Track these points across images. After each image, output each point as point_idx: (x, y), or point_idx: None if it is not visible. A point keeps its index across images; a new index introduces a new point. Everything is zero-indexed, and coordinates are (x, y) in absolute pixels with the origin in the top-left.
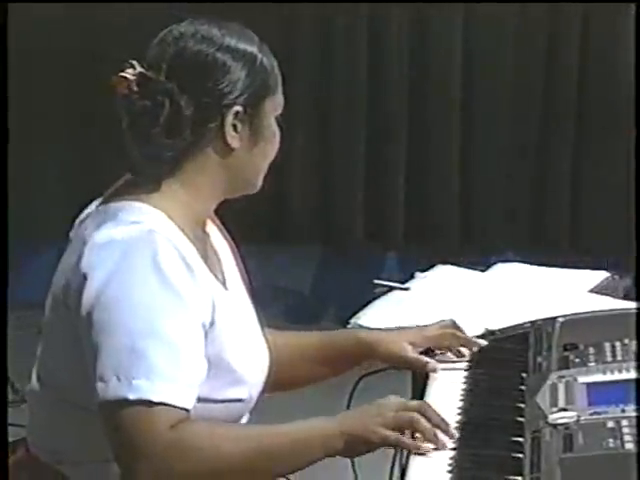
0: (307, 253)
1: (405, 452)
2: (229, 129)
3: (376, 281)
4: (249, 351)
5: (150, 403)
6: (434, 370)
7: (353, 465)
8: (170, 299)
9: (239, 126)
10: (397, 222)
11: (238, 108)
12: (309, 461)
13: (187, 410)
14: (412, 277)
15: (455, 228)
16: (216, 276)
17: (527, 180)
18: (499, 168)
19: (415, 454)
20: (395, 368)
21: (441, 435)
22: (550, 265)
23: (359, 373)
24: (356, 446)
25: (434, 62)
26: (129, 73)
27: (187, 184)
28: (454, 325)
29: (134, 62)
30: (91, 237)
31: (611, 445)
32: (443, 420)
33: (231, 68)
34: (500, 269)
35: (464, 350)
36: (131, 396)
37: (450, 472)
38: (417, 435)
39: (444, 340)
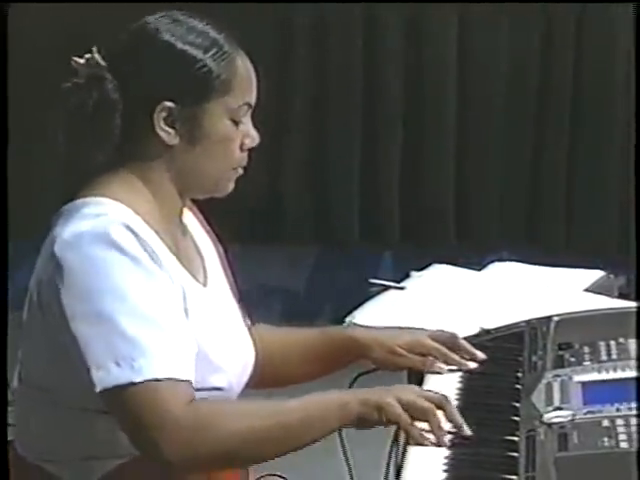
0: (303, 253)
1: (401, 449)
2: (160, 124)
3: (372, 280)
4: (228, 343)
5: (156, 381)
6: (432, 367)
7: (347, 462)
8: (142, 278)
9: (177, 123)
10: (393, 221)
11: (169, 104)
12: (326, 431)
13: (190, 382)
14: (408, 276)
15: (451, 227)
16: (192, 272)
17: (522, 179)
18: (495, 167)
19: (415, 444)
20: (390, 369)
21: (447, 437)
22: (545, 264)
23: (356, 371)
24: (370, 414)
25: (429, 61)
26: (79, 60)
27: (140, 176)
28: (454, 335)
29: (93, 49)
30: (59, 235)
31: (606, 444)
32: (459, 419)
33: (163, 63)
34: (495, 268)
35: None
36: (136, 379)
37: (446, 471)
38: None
39: (440, 349)
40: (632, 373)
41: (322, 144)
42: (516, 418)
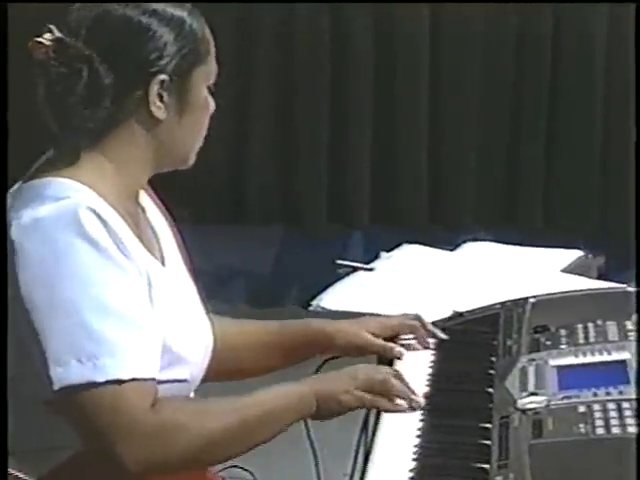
0: (268, 234)
1: (369, 437)
2: (154, 99)
3: (339, 261)
4: (189, 330)
5: (120, 382)
6: (400, 355)
7: (314, 450)
8: (110, 271)
9: (165, 96)
10: (362, 200)
11: (164, 77)
12: (286, 424)
13: (154, 379)
14: (377, 257)
15: (423, 207)
16: (152, 253)
17: (499, 157)
18: (469, 144)
19: (389, 412)
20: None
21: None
22: (521, 244)
23: (323, 356)
24: (329, 406)
25: (401, 40)
26: (46, 38)
27: (112, 157)
28: (418, 317)
29: (52, 27)
30: (16, 218)
31: (582, 430)
32: (411, 387)
33: (156, 33)
34: (469, 248)
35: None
36: (99, 378)
37: (415, 460)
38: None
39: (405, 330)
40: (610, 357)
41: (289, 122)
42: (489, 405)
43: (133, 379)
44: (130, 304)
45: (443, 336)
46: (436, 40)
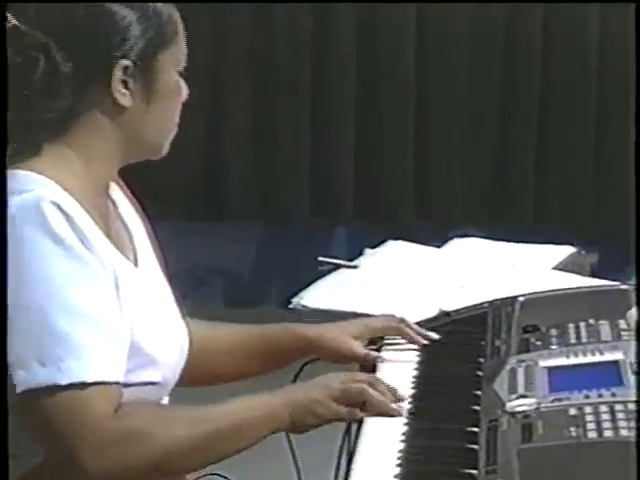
0: (247, 230)
1: (352, 444)
2: (117, 86)
3: (321, 258)
4: (162, 332)
5: (84, 385)
6: (381, 360)
7: (294, 458)
8: (75, 269)
9: (130, 82)
10: (345, 195)
11: (127, 62)
12: (258, 438)
13: (119, 383)
14: (361, 254)
15: (409, 201)
16: (123, 251)
17: (488, 149)
18: (458, 136)
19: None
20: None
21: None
22: (511, 240)
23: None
24: (303, 418)
25: (386, 25)
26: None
27: (77, 148)
28: (402, 320)
29: (8, 15)
30: None
31: (573, 434)
32: (394, 390)
33: (117, 16)
34: (457, 245)
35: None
36: (63, 381)
37: (399, 465)
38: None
39: (390, 333)
40: (602, 357)
41: (269, 113)
42: (477, 407)
43: (97, 382)
44: (96, 304)
45: (433, 335)
46: (422, 32)
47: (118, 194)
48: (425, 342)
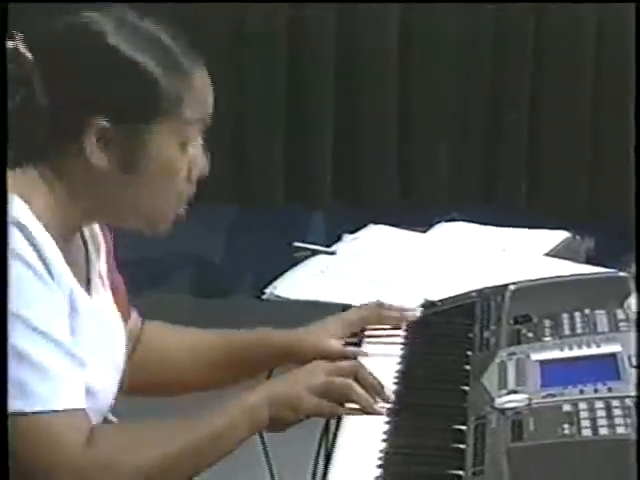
0: (218, 214)
1: (330, 445)
2: (90, 145)
3: (296, 244)
4: (104, 367)
5: (53, 413)
6: (362, 355)
7: (268, 463)
8: (39, 290)
9: (111, 145)
10: (324, 176)
11: (103, 123)
12: (238, 441)
13: (84, 410)
14: (339, 239)
15: (392, 181)
16: (79, 279)
17: (477, 127)
18: (444, 112)
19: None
20: None
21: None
22: (501, 225)
23: None
24: (282, 414)
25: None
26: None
27: (50, 184)
28: (378, 304)
29: (15, 34)
30: None
31: (566, 432)
32: (379, 383)
33: (103, 71)
34: (443, 229)
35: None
36: (28, 408)
37: (380, 466)
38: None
39: (368, 323)
40: (599, 350)
41: (242, 88)
42: (464, 404)
43: (67, 410)
44: (58, 325)
45: (415, 311)
46: (408, 9)
47: None
48: (410, 318)
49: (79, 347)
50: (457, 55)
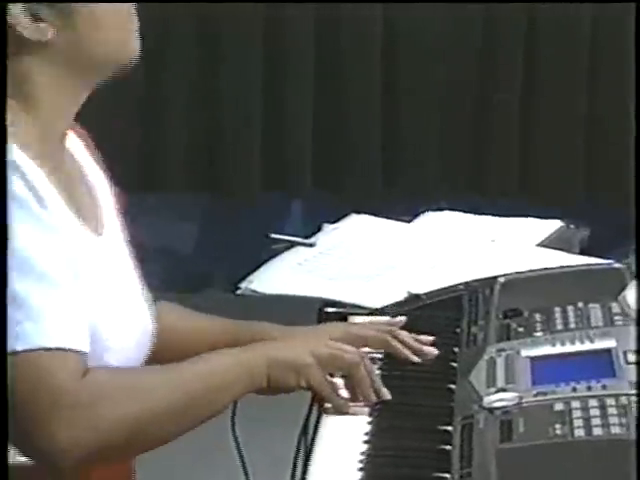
0: (189, 203)
1: (309, 446)
2: (20, 20)
3: (273, 235)
4: (122, 313)
5: (46, 351)
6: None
7: (243, 464)
8: (32, 227)
9: (42, 11)
10: (302, 163)
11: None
12: (233, 399)
13: (86, 354)
14: (319, 230)
15: (375, 168)
16: (83, 215)
17: (466, 110)
18: (431, 95)
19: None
20: None
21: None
22: (491, 214)
23: None
24: (284, 376)
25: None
26: None
27: (21, 99)
28: (390, 330)
29: None
30: None
31: (558, 432)
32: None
33: None
34: (429, 219)
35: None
36: (19, 346)
37: (362, 469)
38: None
39: (375, 346)
40: (592, 345)
41: (216, 71)
42: (450, 403)
43: (61, 348)
44: (53, 263)
45: (433, 351)
46: None
47: (75, 144)
48: (416, 360)
49: (81, 294)
50: (445, 42)
